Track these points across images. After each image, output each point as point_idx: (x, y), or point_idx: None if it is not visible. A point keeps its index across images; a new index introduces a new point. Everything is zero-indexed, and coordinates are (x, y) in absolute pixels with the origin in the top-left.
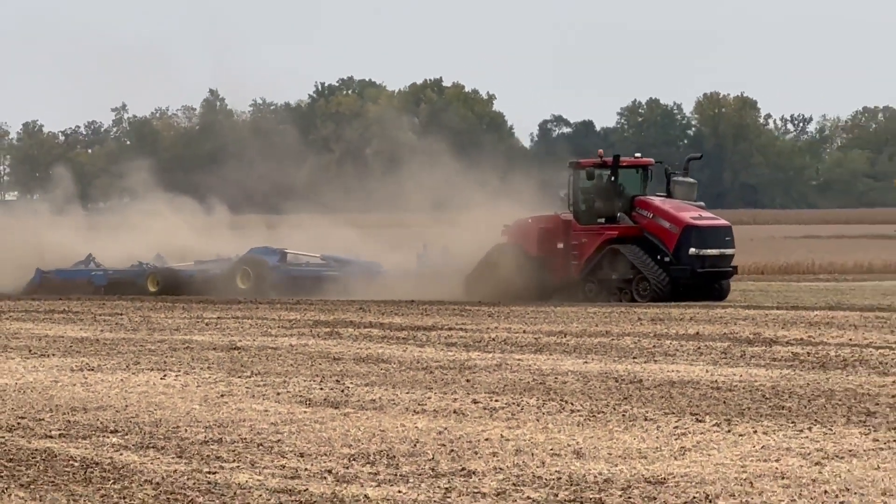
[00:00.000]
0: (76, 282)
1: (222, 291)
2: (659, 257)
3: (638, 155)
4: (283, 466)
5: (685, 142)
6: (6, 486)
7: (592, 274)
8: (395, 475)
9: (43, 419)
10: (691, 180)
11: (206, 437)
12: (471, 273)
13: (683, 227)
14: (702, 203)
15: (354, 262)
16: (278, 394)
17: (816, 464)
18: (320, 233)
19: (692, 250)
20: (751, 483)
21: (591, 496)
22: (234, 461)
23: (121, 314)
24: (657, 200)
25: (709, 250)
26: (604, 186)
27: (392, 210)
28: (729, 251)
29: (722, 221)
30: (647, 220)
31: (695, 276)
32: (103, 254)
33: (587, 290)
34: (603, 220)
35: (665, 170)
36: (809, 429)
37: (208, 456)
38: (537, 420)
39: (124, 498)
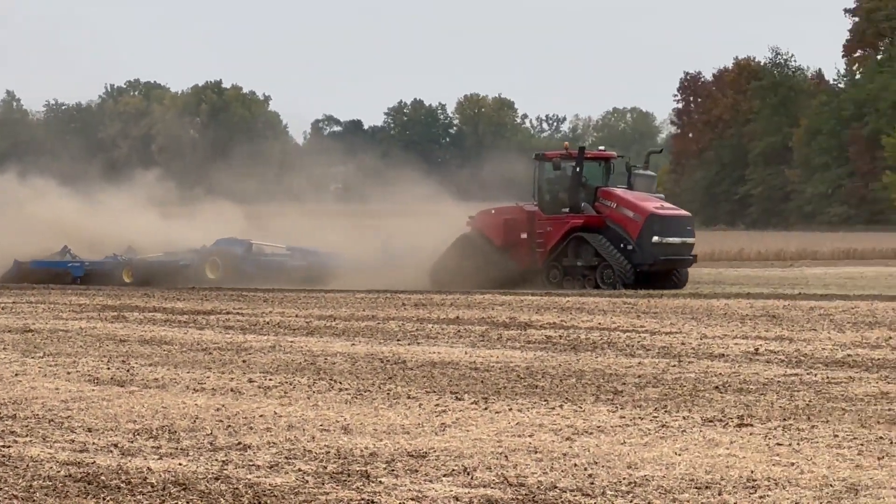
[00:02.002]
0: (53, 272)
1: (192, 281)
2: (622, 245)
3: (602, 148)
4: (73, 441)
5: (447, 140)
6: None
7: (557, 261)
8: (177, 449)
9: None
10: (651, 173)
11: (0, 414)
12: (436, 263)
13: (647, 217)
14: (661, 195)
15: (319, 253)
16: (68, 373)
17: (567, 439)
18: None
19: (655, 238)
20: (506, 457)
21: (357, 469)
22: (27, 436)
23: None
24: (620, 191)
25: (671, 238)
26: (569, 178)
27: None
28: (690, 240)
29: (683, 212)
30: (610, 210)
31: (657, 263)
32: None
33: (551, 276)
34: (567, 210)
35: (626, 163)
36: (561, 406)
37: (3, 431)
38: (308, 398)
39: None
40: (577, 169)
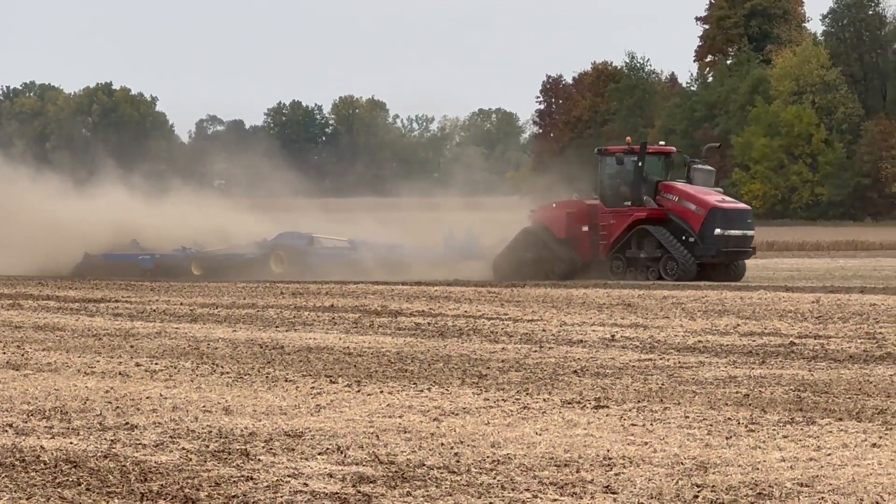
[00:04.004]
0: (123, 265)
1: (257, 274)
2: (684, 238)
3: (662, 143)
4: None
5: (324, 139)
6: None
7: (620, 253)
8: (68, 429)
9: None
10: (710, 168)
11: None
12: (498, 256)
13: (709, 210)
14: (720, 189)
15: (381, 246)
16: None
17: (435, 420)
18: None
19: (717, 231)
20: (377, 436)
21: (237, 447)
22: None
23: None
24: (681, 185)
25: (732, 231)
26: (630, 172)
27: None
28: (750, 233)
29: (743, 205)
30: (672, 203)
31: (719, 255)
32: None
33: (614, 267)
34: (629, 204)
35: (684, 158)
36: (429, 389)
37: None
38: (192, 381)
39: None
40: (640, 163)
